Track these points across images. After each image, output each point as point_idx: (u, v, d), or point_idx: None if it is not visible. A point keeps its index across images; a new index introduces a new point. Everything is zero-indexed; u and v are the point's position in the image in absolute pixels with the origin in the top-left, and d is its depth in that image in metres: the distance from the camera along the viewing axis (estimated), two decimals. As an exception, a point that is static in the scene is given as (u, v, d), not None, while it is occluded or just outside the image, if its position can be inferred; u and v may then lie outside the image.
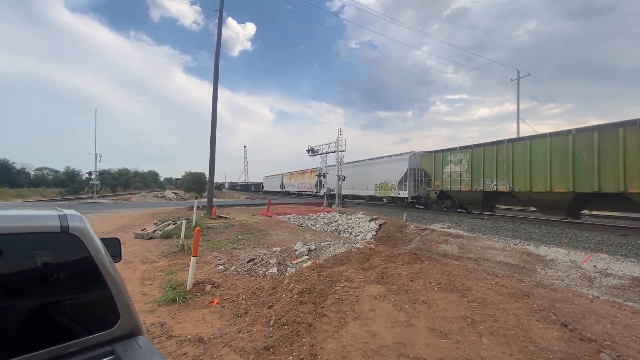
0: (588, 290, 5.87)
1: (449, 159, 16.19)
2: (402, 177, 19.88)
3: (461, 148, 15.73)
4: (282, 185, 45.75)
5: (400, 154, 21.20)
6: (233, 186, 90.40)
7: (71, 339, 1.29)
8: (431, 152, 17.81)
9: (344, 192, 25.35)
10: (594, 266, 6.84)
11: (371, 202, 24.43)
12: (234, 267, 6.58)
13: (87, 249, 1.39)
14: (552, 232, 10.13)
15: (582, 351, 3.04)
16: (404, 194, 19.85)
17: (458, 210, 16.51)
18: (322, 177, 27.86)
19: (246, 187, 78.00)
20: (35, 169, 53.01)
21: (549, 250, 8.10)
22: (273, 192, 49.00)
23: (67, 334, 1.30)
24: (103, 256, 1.44)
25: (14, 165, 47.05)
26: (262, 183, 59.66)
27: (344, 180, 24.25)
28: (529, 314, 3.77)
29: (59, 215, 1.38)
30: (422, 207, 19.25)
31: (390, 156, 22.64)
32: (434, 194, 17.28)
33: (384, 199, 23.61)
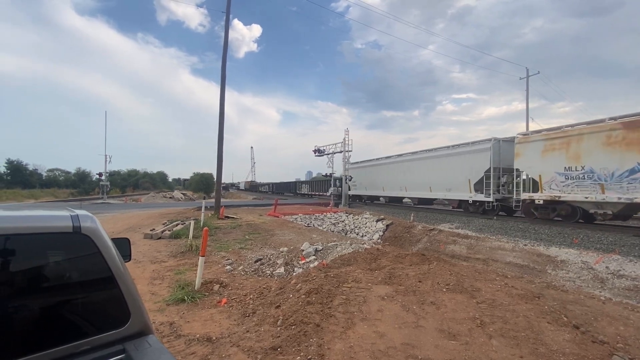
0: (600, 291, 5.75)
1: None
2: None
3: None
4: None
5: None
6: (253, 187, 68.22)
7: (83, 337, 1.31)
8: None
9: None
10: (606, 267, 6.69)
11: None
12: (241, 267, 6.62)
13: (99, 248, 1.41)
14: (562, 233, 9.95)
15: (594, 354, 2.98)
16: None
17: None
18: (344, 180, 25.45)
19: (283, 188, 47.97)
20: (47, 170, 53.85)
21: (559, 251, 7.95)
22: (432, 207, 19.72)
23: (79, 332, 1.32)
24: (114, 256, 1.46)
25: (26, 166, 47.86)
26: (337, 180, 27.47)
27: (350, 180, 24.84)
28: (540, 316, 3.70)
29: (71, 215, 1.41)
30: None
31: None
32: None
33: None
